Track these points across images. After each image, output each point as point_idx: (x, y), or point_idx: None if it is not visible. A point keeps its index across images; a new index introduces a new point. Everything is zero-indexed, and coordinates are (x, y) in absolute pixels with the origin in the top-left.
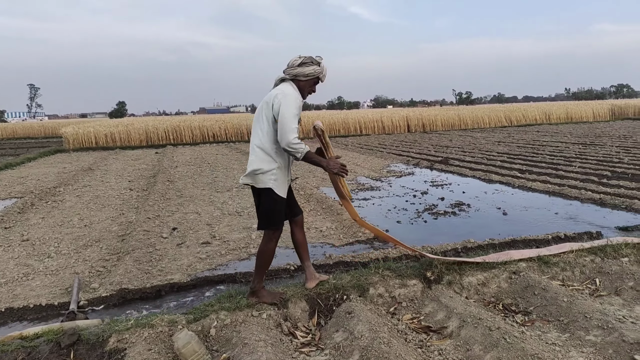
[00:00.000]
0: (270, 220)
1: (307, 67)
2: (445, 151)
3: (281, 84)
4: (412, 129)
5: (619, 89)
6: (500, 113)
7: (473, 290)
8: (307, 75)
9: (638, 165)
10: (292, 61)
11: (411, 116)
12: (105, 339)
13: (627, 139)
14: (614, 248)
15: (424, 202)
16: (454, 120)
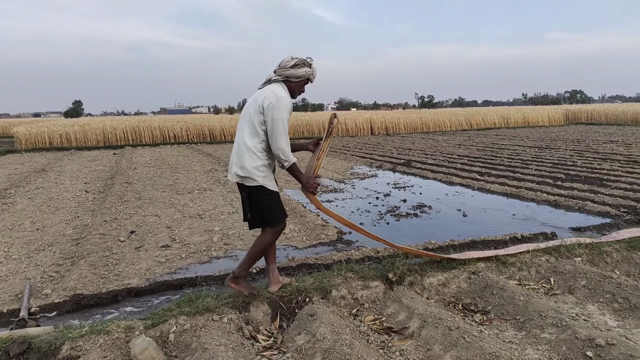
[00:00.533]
0: (270, 217)
1: (300, 68)
2: (407, 154)
3: (272, 84)
4: (375, 131)
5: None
6: (461, 117)
7: (434, 290)
8: (299, 77)
9: (590, 169)
10: (284, 62)
11: (374, 119)
12: (58, 346)
13: (581, 143)
14: (567, 248)
15: (386, 204)
16: (416, 123)
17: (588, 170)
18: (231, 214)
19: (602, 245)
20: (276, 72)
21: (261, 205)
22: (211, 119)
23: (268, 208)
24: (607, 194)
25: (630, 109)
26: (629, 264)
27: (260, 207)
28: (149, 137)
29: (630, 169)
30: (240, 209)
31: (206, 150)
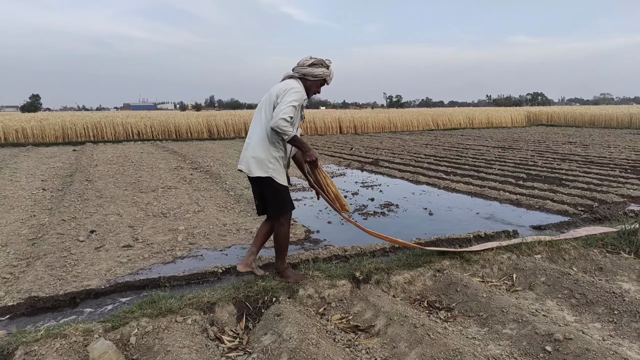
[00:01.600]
0: (280, 208)
1: (317, 68)
2: (375, 153)
3: (290, 79)
4: (344, 130)
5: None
6: (428, 117)
7: (400, 288)
8: (316, 76)
9: (550, 169)
10: (303, 60)
11: (343, 118)
12: (11, 351)
13: (541, 144)
14: (528, 246)
15: (354, 202)
16: (384, 122)
17: (548, 170)
18: (197, 213)
19: (561, 243)
20: (294, 69)
21: (268, 196)
22: (177, 115)
23: (275, 198)
24: (565, 194)
25: (587, 111)
26: (586, 260)
27: (268, 198)
28: (111, 134)
29: (587, 169)
30: (207, 207)
31: (172, 148)
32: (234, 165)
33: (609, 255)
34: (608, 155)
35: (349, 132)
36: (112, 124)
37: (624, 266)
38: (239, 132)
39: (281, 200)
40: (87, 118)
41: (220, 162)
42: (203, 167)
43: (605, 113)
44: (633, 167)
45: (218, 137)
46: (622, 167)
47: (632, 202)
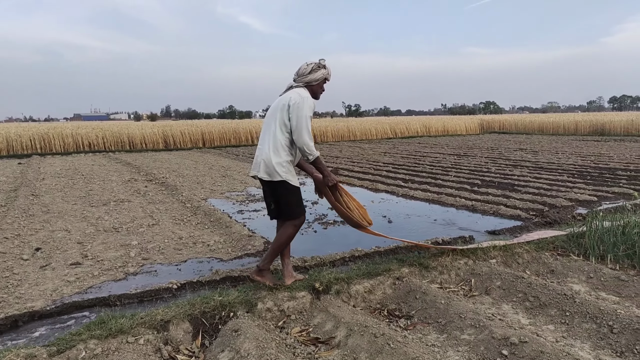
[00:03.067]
0: (292, 211)
1: (316, 72)
2: (335, 161)
3: (296, 89)
4: None
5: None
6: (386, 125)
7: (360, 298)
8: (318, 80)
9: (503, 174)
10: (302, 70)
11: None
12: None
13: (494, 151)
14: (484, 251)
15: (314, 212)
16: (343, 131)
17: (501, 176)
18: (151, 227)
19: (514, 247)
20: (296, 80)
21: (282, 199)
22: (131, 126)
23: (289, 202)
24: (517, 199)
25: (537, 119)
26: (538, 263)
27: (282, 201)
28: (60, 146)
29: (537, 175)
30: (162, 220)
31: (125, 159)
32: (191, 177)
33: (560, 257)
34: (556, 161)
35: None
36: (60, 136)
37: (574, 268)
38: (196, 142)
39: (295, 202)
40: (34, 129)
41: (176, 173)
42: (158, 179)
43: (553, 121)
44: (579, 172)
45: (174, 148)
46: (570, 172)
47: (579, 205)
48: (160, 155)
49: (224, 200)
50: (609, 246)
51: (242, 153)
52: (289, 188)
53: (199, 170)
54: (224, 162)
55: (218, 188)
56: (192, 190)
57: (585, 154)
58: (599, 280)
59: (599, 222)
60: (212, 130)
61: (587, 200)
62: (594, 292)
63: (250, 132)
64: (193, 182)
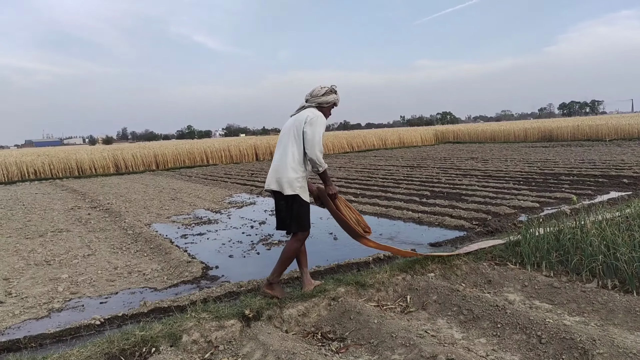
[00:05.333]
0: (301, 224)
1: (329, 95)
2: None
3: (309, 108)
4: (260, 157)
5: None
6: (343, 140)
7: (294, 322)
8: (329, 102)
9: (452, 185)
10: (316, 91)
11: (259, 144)
12: None
13: (447, 161)
14: (422, 265)
15: (260, 232)
16: None
17: (450, 186)
18: (86, 257)
19: (453, 259)
20: (309, 100)
21: (294, 213)
22: (79, 151)
23: (299, 216)
24: (463, 208)
25: (489, 128)
26: (476, 274)
27: (293, 215)
28: (2, 174)
29: (485, 184)
30: (99, 249)
31: (71, 186)
32: (139, 201)
33: (497, 267)
34: (504, 168)
35: (266, 158)
36: (3, 164)
37: (510, 277)
38: (149, 165)
39: (305, 216)
40: None
41: (124, 198)
42: (103, 205)
43: (504, 129)
44: (525, 179)
45: (126, 172)
46: (516, 180)
47: (522, 212)
48: (110, 180)
49: (169, 225)
50: (544, 253)
51: (195, 174)
52: (301, 203)
53: (147, 194)
54: (176, 184)
55: (165, 212)
56: (137, 215)
57: (532, 160)
58: (533, 289)
59: (535, 229)
60: (166, 152)
61: (529, 207)
62: (528, 300)
63: (205, 152)
64: (139, 207)
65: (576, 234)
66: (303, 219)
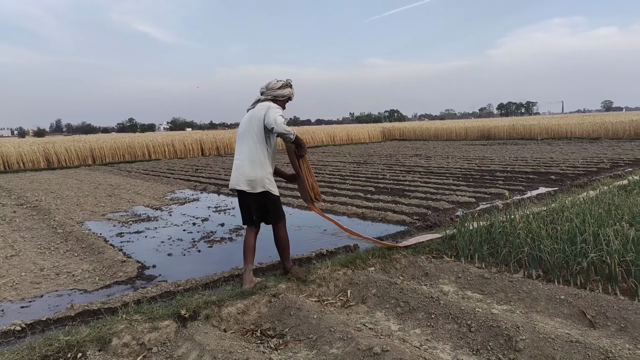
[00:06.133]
0: (277, 215)
1: (284, 89)
2: None
3: (265, 102)
4: (206, 152)
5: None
6: None
7: (233, 320)
8: (284, 96)
9: (396, 181)
10: (271, 84)
11: (205, 139)
12: None
13: (392, 157)
14: (362, 259)
15: (202, 229)
16: None
17: (394, 182)
18: (8, 259)
19: (393, 253)
20: (264, 93)
21: (270, 207)
22: (5, 144)
23: (274, 209)
24: (405, 204)
25: (432, 126)
26: (414, 267)
27: (270, 209)
28: None
29: (427, 179)
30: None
31: None
32: (71, 198)
33: (434, 260)
34: (446, 165)
35: (212, 153)
36: None
37: (445, 269)
38: (85, 159)
39: (278, 207)
40: None
41: (55, 195)
42: (31, 203)
43: (447, 127)
44: (464, 175)
45: (59, 167)
46: (456, 176)
47: (459, 207)
48: (40, 175)
49: (104, 223)
50: (477, 246)
51: (135, 169)
52: (273, 197)
53: (82, 190)
54: (114, 179)
55: (100, 209)
56: (68, 213)
57: (472, 157)
58: (466, 280)
59: (469, 223)
60: (104, 146)
61: (466, 202)
62: (461, 291)
63: (147, 147)
64: (72, 204)
65: (506, 227)
66: (278, 211)
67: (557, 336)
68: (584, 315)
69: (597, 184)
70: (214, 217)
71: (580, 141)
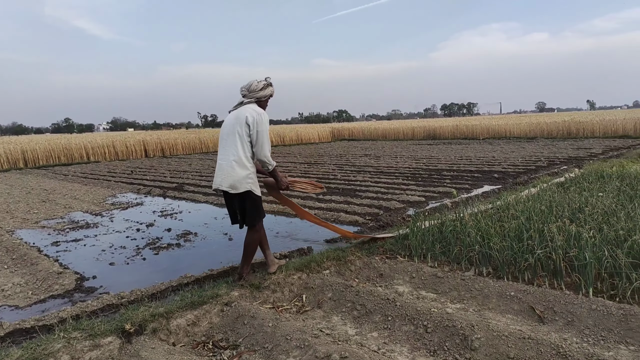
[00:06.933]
0: (256, 217)
1: (266, 89)
2: (182, 176)
3: (249, 104)
4: (150, 153)
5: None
6: None
7: (182, 332)
8: (266, 96)
9: (347, 181)
10: (253, 86)
11: (149, 140)
12: None
13: (342, 158)
14: (317, 262)
15: (147, 235)
16: (195, 143)
17: (346, 182)
18: None
19: (347, 255)
20: (246, 95)
21: (249, 207)
22: None
23: (254, 209)
24: (357, 204)
25: (380, 126)
26: (369, 269)
27: (248, 209)
28: None
29: (378, 179)
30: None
31: None
32: (1, 204)
33: (388, 260)
34: (395, 165)
35: (156, 155)
36: None
37: (400, 270)
38: (16, 162)
39: (258, 208)
40: None
41: None
42: None
43: (394, 127)
44: (413, 174)
45: None
46: (405, 175)
47: (410, 206)
48: None
49: (37, 231)
50: (429, 245)
51: (73, 172)
52: (254, 197)
53: (12, 196)
54: (49, 184)
55: (33, 216)
56: None
57: (419, 157)
58: (420, 280)
59: (422, 222)
60: (37, 148)
61: (417, 201)
62: (416, 291)
63: (85, 148)
64: (1, 211)
65: (456, 226)
66: (257, 212)
67: (510, 333)
68: (533, 310)
69: (537, 181)
70: (159, 222)
71: (519, 140)
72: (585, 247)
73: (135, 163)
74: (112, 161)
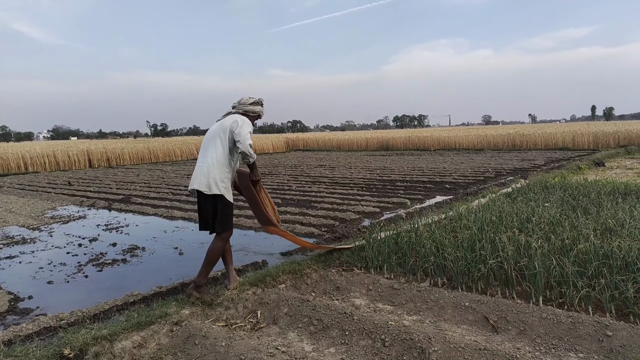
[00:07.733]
0: (225, 224)
1: (255, 106)
2: (129, 188)
3: (234, 114)
4: (94, 163)
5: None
6: (192, 145)
7: (128, 356)
8: (254, 112)
9: (302, 192)
10: (244, 100)
11: (93, 150)
12: None
13: (297, 168)
14: (272, 277)
15: (90, 251)
16: (143, 153)
17: (301, 193)
18: None
19: (303, 268)
20: (235, 107)
21: (219, 212)
22: None
23: (223, 216)
24: (313, 215)
25: (335, 137)
26: (326, 282)
27: (218, 214)
28: None
29: (333, 190)
30: None
31: None
32: None
33: (345, 273)
34: (349, 175)
35: (101, 165)
36: None
37: (356, 282)
38: None
39: (229, 216)
40: None
41: None
42: None
43: (348, 138)
44: (367, 185)
45: None
46: (359, 186)
47: (365, 217)
48: None
49: None
50: (385, 257)
51: (8, 183)
52: (226, 203)
53: None
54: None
55: None
56: None
57: (373, 167)
58: (376, 292)
59: (377, 234)
60: None
61: (372, 212)
62: (373, 304)
63: (23, 158)
64: None
65: (412, 237)
66: (227, 219)
67: (467, 345)
68: (487, 320)
69: (486, 192)
70: (104, 236)
71: (467, 152)
72: (535, 257)
73: (78, 174)
74: (53, 172)
